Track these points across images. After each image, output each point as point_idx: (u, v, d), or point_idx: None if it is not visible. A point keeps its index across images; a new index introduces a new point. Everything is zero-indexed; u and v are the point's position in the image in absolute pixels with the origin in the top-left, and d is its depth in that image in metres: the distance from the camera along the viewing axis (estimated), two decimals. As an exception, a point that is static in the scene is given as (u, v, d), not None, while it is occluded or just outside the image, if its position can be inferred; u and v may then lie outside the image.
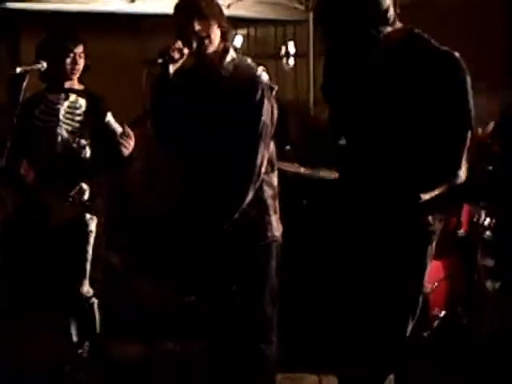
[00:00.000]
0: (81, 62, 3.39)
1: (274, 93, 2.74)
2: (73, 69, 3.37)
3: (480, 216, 3.69)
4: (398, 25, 2.31)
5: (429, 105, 2.23)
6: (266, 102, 2.68)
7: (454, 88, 2.23)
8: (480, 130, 3.63)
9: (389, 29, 2.28)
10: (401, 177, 2.28)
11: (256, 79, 2.72)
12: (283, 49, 7.30)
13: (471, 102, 2.26)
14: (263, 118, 2.67)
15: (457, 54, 2.26)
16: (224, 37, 2.77)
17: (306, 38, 6.70)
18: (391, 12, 2.27)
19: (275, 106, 2.75)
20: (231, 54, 2.78)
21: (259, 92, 2.68)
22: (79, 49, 3.38)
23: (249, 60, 2.82)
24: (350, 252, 2.42)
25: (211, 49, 2.73)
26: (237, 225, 2.71)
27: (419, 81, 2.24)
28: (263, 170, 2.72)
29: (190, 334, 3.63)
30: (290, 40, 7.32)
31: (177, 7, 2.76)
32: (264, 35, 7.89)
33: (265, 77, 2.74)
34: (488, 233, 3.66)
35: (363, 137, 2.37)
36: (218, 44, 2.75)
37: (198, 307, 2.99)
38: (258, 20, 6.66)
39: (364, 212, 2.35)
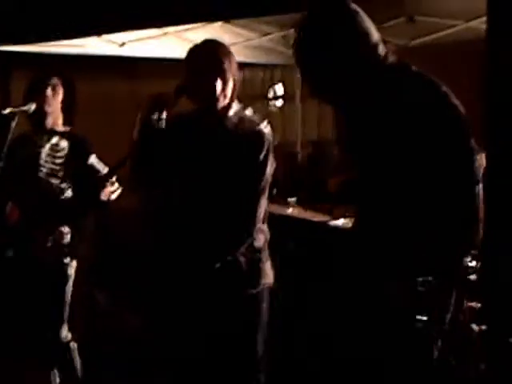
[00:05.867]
0: (56, 96, 3.36)
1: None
2: (50, 101, 3.32)
3: (465, 258, 3.71)
4: (392, 60, 2.18)
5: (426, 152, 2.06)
6: (270, 158, 2.69)
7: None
8: None
9: (382, 65, 2.17)
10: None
11: (261, 134, 2.69)
12: (271, 91, 7.39)
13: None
14: (267, 174, 2.68)
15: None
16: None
17: (293, 80, 6.81)
18: (381, 48, 2.17)
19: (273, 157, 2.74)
20: (236, 106, 2.75)
21: (265, 148, 2.66)
22: (53, 81, 3.35)
23: (250, 111, 2.78)
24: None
25: (223, 104, 2.71)
26: (230, 272, 2.70)
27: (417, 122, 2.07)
28: (261, 217, 2.74)
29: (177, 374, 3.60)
30: (278, 82, 7.40)
31: (197, 61, 2.67)
32: (252, 77, 7.98)
33: (269, 131, 2.72)
34: (473, 275, 3.68)
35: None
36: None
37: (186, 347, 2.96)
38: (247, 63, 6.75)
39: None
